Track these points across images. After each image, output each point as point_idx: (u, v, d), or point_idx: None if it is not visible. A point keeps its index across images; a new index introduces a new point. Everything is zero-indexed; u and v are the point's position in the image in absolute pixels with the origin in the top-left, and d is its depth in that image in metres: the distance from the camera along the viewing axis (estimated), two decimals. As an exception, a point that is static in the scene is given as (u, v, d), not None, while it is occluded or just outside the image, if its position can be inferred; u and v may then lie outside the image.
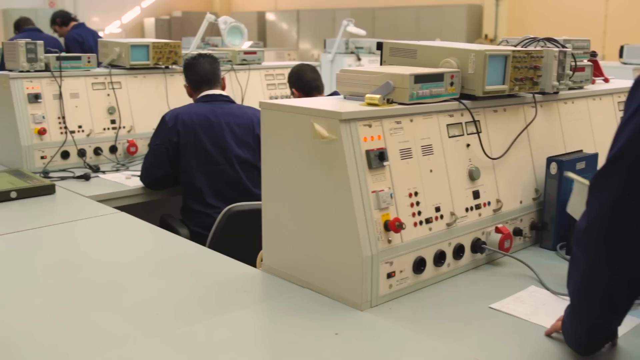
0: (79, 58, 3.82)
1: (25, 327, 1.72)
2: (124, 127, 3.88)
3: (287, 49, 12.37)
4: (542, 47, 2.36)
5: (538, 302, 1.83)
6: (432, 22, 12.29)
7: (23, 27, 7.07)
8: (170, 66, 4.13)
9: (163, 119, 3.28)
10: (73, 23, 7.05)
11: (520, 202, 2.26)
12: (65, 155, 3.64)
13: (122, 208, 2.91)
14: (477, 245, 2.07)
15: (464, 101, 2.06)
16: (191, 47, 4.97)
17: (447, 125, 2.04)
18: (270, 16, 15.45)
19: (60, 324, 1.74)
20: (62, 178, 3.40)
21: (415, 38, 11.06)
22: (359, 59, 8.02)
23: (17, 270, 2.16)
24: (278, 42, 14.79)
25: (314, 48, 14.09)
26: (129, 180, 3.40)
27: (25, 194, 2.96)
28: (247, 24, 5.34)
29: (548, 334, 1.62)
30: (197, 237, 2.99)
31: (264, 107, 1.99)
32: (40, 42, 3.68)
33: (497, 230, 2.11)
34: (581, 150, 2.43)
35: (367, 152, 1.78)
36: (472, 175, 2.08)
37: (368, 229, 1.76)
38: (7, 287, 2.01)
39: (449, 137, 2.04)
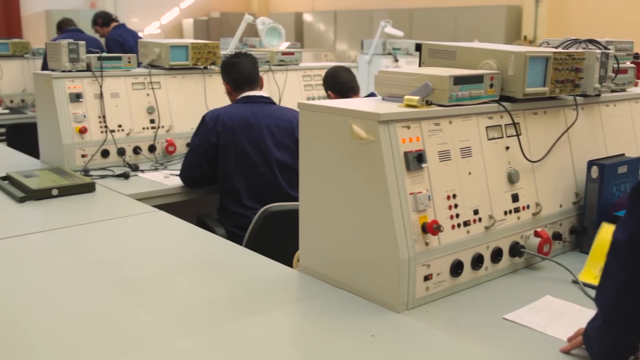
0: (119, 58, 3.87)
1: (65, 323, 1.75)
2: (162, 127, 3.93)
3: (324, 49, 12.37)
4: (583, 48, 2.33)
5: (554, 312, 1.79)
6: (470, 23, 12.18)
7: (65, 27, 7.19)
8: (208, 66, 4.17)
9: (203, 119, 3.30)
10: (114, 24, 7.14)
11: (560, 205, 2.23)
12: (105, 154, 3.69)
13: (160, 207, 2.94)
14: (516, 249, 2.04)
15: (503, 103, 2.04)
16: (229, 47, 5.00)
17: (487, 127, 2.02)
18: (307, 17, 15.48)
19: (99, 320, 1.77)
20: (102, 176, 3.45)
21: (453, 39, 10.97)
22: (396, 60, 7.99)
23: (57, 267, 2.20)
24: (315, 43, 14.80)
25: (350, 49, 14.07)
26: (167, 179, 3.43)
27: (66, 191, 3.01)
28: (285, 24, 5.36)
29: (566, 351, 1.57)
30: (234, 237, 3.01)
31: (302, 108, 2.00)
32: (82, 42, 3.74)
33: (536, 234, 2.08)
34: (623, 154, 2.39)
35: (406, 153, 1.78)
36: (511, 178, 2.06)
37: (405, 231, 1.75)
38: (48, 282, 2.05)
39: (488, 139, 2.02)
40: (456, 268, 1.88)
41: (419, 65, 2.31)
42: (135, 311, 1.83)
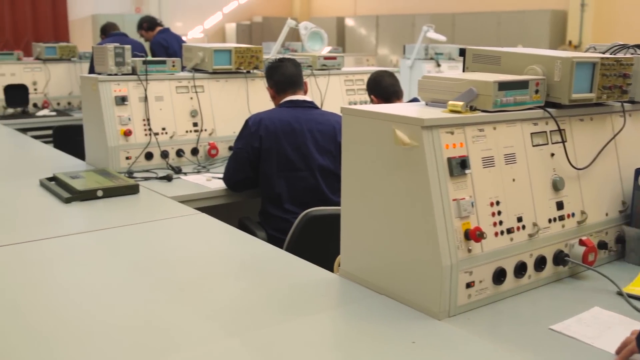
0: (164, 62, 3.92)
1: (108, 322, 1.77)
2: (205, 130, 3.97)
3: (365, 54, 12.36)
4: (632, 54, 2.28)
5: (603, 324, 1.76)
6: (513, 28, 12.05)
7: (109, 32, 7.31)
8: (251, 71, 4.20)
9: (246, 123, 3.33)
10: (159, 28, 7.24)
11: (606, 214, 2.19)
12: (148, 156, 3.74)
13: (202, 209, 2.97)
14: (560, 258, 2.01)
15: (549, 109, 2.02)
16: (272, 52, 5.03)
17: (531, 133, 2.00)
18: (349, 22, 15.49)
19: (141, 321, 1.79)
20: (146, 178, 3.50)
21: (496, 44, 10.87)
22: (439, 65, 7.95)
23: (101, 267, 2.23)
24: (357, 47, 14.80)
25: (392, 54, 14.04)
26: (210, 182, 3.47)
27: (110, 193, 3.06)
28: (327, 29, 5.37)
29: None
30: (274, 240, 3.02)
31: (345, 112, 2.00)
32: (128, 46, 3.80)
33: (581, 242, 2.04)
34: (672, 162, 2.34)
35: (449, 159, 1.77)
36: (556, 186, 2.03)
37: (448, 238, 1.74)
38: (92, 282, 2.08)
39: (533, 145, 2.00)
40: (499, 276, 1.86)
41: (463, 71, 2.29)
42: (177, 313, 1.85)
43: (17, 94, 6.31)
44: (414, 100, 3.88)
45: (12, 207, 3.00)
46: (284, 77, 3.47)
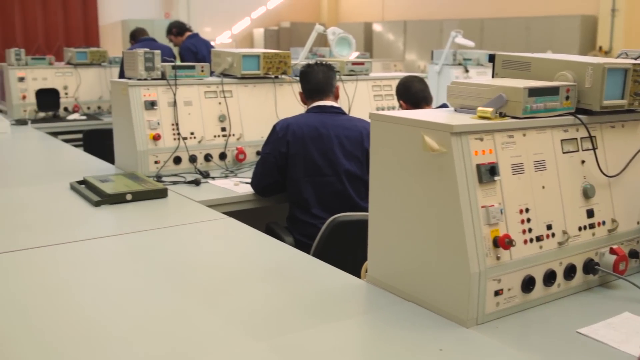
0: (193, 67, 3.95)
1: (135, 325, 1.79)
2: (233, 135, 3.99)
3: (393, 59, 12.35)
4: (665, 60, 2.25)
5: (632, 329, 1.73)
6: (542, 34, 11.95)
7: (139, 37, 7.39)
8: (279, 76, 4.21)
9: (274, 128, 3.35)
10: (188, 33, 7.30)
11: (638, 222, 2.16)
12: (177, 160, 3.77)
13: (229, 214, 2.98)
14: (590, 266, 1.99)
15: (579, 116, 2.00)
16: (300, 57, 5.04)
17: (562, 140, 1.98)
18: (377, 27, 15.48)
19: (168, 325, 1.80)
20: (174, 182, 3.52)
21: (525, 50, 10.78)
22: (467, 71, 7.91)
23: (130, 270, 2.25)
24: (384, 52, 14.79)
25: (420, 59, 14.01)
26: (237, 186, 3.48)
27: (139, 196, 3.09)
28: (354, 34, 5.37)
29: None
30: (302, 245, 3.02)
31: (373, 118, 1.99)
32: (158, 51, 3.84)
33: (612, 251, 2.02)
34: None
35: (478, 166, 1.76)
36: (587, 193, 2.01)
37: (477, 245, 1.73)
38: (120, 285, 2.10)
39: (563, 152, 1.98)
40: (528, 284, 1.84)
41: (492, 77, 2.28)
42: (204, 316, 1.86)
43: (49, 98, 6.40)
44: (443, 106, 3.86)
45: (43, 209, 3.04)
46: (312, 83, 3.49)
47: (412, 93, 3.87)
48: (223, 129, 3.97)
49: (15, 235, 2.60)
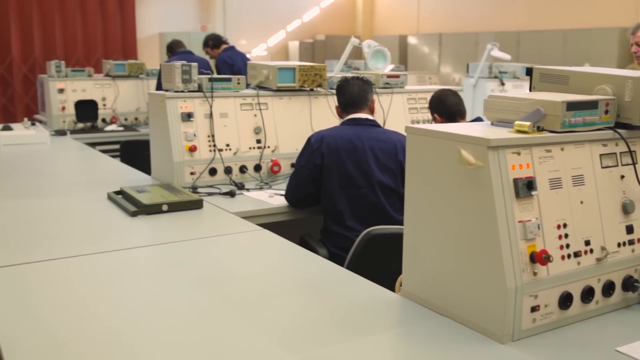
0: (229, 79, 3.99)
1: (169, 336, 1.80)
2: (268, 147, 4.01)
3: (428, 72, 12.30)
4: None
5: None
6: (580, 46, 11.80)
7: (176, 49, 7.48)
8: (315, 88, 4.23)
9: (309, 140, 3.36)
10: (224, 46, 7.37)
11: (679, 239, 2.12)
12: (212, 172, 3.80)
13: (264, 225, 2.99)
14: (629, 283, 1.95)
15: (619, 130, 1.97)
16: (335, 70, 5.05)
17: (600, 155, 1.95)
18: (412, 39, 15.46)
19: (201, 335, 1.81)
20: (209, 194, 3.55)
21: (561, 63, 10.67)
22: (503, 84, 7.84)
23: (164, 280, 2.27)
24: (419, 65, 14.75)
25: (455, 72, 13.94)
26: (272, 198, 3.50)
27: (175, 207, 3.12)
28: (389, 47, 5.37)
29: None
30: (336, 258, 3.02)
31: (409, 131, 1.99)
32: (195, 64, 3.88)
33: (652, 268, 1.98)
34: None
35: (515, 180, 1.74)
36: (626, 209, 1.97)
37: (513, 260, 1.71)
38: (154, 295, 2.12)
39: (602, 167, 1.95)
40: (565, 300, 1.81)
41: (530, 90, 2.26)
42: (238, 328, 1.86)
43: (87, 110, 6.51)
44: (478, 119, 3.84)
45: (81, 219, 3.08)
46: (347, 97, 3.51)
47: (447, 106, 3.85)
48: (258, 141, 3.99)
49: (53, 244, 2.64)
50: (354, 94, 3.48)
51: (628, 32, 4.86)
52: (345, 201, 3.23)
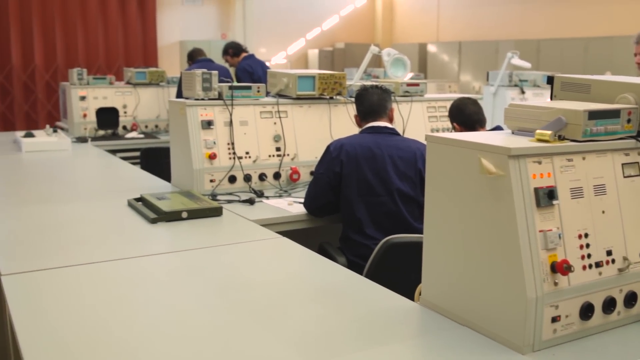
0: (249, 88, 4.00)
1: (186, 343, 1.81)
2: (288, 155, 4.02)
3: (447, 80, 12.27)
4: None
5: None
6: (601, 54, 11.72)
7: (196, 57, 7.53)
8: (334, 97, 4.23)
9: (328, 148, 3.37)
10: (244, 54, 7.40)
11: (703, 250, 2.09)
12: (232, 179, 3.82)
13: (283, 233, 3.00)
14: (652, 294, 1.93)
15: (642, 140, 1.95)
16: (354, 78, 5.06)
17: (623, 164, 1.93)
18: (431, 48, 15.44)
19: (219, 343, 1.82)
20: (229, 201, 3.56)
21: (582, 71, 10.59)
22: (523, 92, 7.80)
23: (185, 287, 2.28)
24: (439, 73, 14.72)
25: (475, 80, 13.90)
26: (291, 206, 3.50)
27: (195, 214, 3.13)
28: (408, 55, 5.37)
29: None
30: (355, 266, 3.01)
31: (429, 140, 1.99)
32: (215, 72, 3.90)
33: (675, 279, 1.96)
34: None
35: (536, 189, 1.73)
36: (649, 219, 1.95)
37: (534, 270, 1.70)
38: (174, 302, 2.13)
39: (624, 177, 1.93)
40: (586, 311, 1.80)
41: (551, 99, 2.25)
42: (256, 336, 1.86)
43: (108, 117, 6.56)
44: (497, 128, 3.82)
45: (101, 226, 3.11)
46: (366, 105, 3.52)
47: (466, 115, 3.83)
48: (278, 149, 4.00)
49: (74, 250, 2.67)
50: (373, 103, 3.48)
51: (631, 41, 4.64)
52: (364, 209, 3.23)
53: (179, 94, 5.68)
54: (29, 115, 11.60)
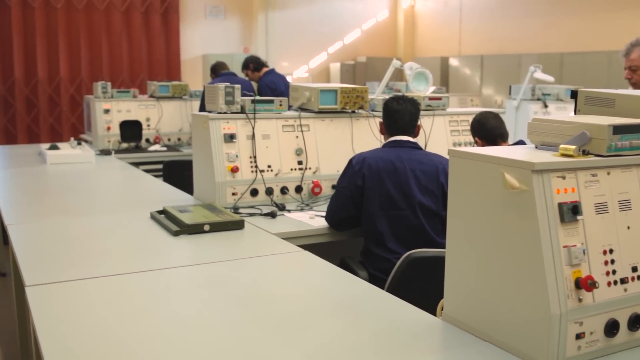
0: (271, 101, 4.02)
1: (208, 355, 1.81)
2: (309, 168, 4.02)
3: (469, 94, 12.24)
4: None
5: None
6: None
7: (219, 71, 7.57)
8: (356, 110, 4.24)
9: (350, 162, 3.37)
10: (265, 69, 7.42)
11: None
12: (254, 192, 3.83)
13: (305, 246, 3.00)
14: (678, 311, 1.90)
15: (667, 155, 1.93)
16: (376, 92, 5.06)
17: (648, 179, 1.92)
18: (453, 61, 15.42)
19: (240, 355, 1.82)
20: (251, 214, 3.57)
21: (606, 85, 10.51)
22: (546, 106, 7.76)
23: (206, 299, 2.28)
24: (461, 87, 14.69)
25: (497, 94, 13.84)
26: (313, 220, 3.50)
27: (217, 227, 3.14)
28: (430, 69, 5.36)
29: None
30: (376, 280, 3.01)
31: (452, 154, 1.98)
32: (238, 86, 3.92)
33: (702, 296, 1.93)
34: None
35: (560, 204, 1.72)
36: (675, 235, 1.93)
37: (558, 286, 1.68)
38: (196, 314, 2.14)
39: (650, 192, 1.91)
40: (611, 328, 1.77)
41: (575, 113, 2.24)
42: (277, 349, 1.86)
43: (132, 130, 6.63)
44: (520, 142, 3.80)
45: (124, 238, 3.13)
46: (398, 124, 3.47)
47: (488, 129, 3.81)
48: (300, 162, 4.01)
49: (97, 262, 2.69)
50: (405, 122, 3.46)
51: (620, 54, 4.19)
52: (386, 222, 3.22)
53: (202, 108, 5.71)
54: (54, 127, 11.74)
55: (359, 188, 3.28)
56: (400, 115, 3.47)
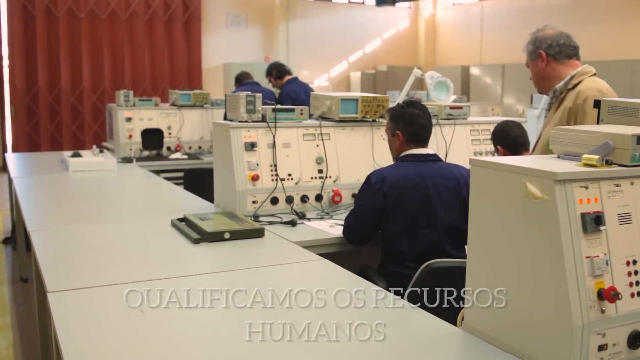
0: (292, 110, 4.03)
1: (234, 364, 1.82)
2: (330, 177, 4.02)
3: (490, 103, 12.18)
4: None
5: None
6: (649, 78, 11.53)
7: (243, 81, 7.62)
8: (377, 119, 4.23)
9: (369, 179, 3.28)
10: (288, 77, 7.42)
11: None
12: (274, 201, 3.83)
13: (324, 255, 2.99)
14: None
15: (692, 165, 1.90)
16: (397, 101, 5.05)
17: (672, 190, 1.89)
18: (474, 70, 15.37)
19: (265, 364, 1.82)
20: (271, 223, 3.57)
21: (629, 94, 10.40)
22: (568, 116, 7.70)
23: (226, 308, 2.28)
24: (482, 96, 14.63)
25: (518, 103, 13.78)
26: (332, 228, 3.49)
27: (237, 235, 3.15)
28: (451, 77, 5.35)
29: None
30: (395, 291, 2.98)
31: (474, 164, 1.97)
32: (259, 94, 3.94)
33: None
34: None
35: (583, 215, 1.70)
36: (700, 246, 1.90)
37: (580, 297, 1.66)
38: (216, 321, 2.14)
39: (674, 203, 1.89)
40: (634, 340, 1.75)
41: (597, 123, 2.22)
42: (297, 357, 1.86)
43: (153, 138, 6.68)
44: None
45: (144, 245, 3.14)
46: (417, 126, 3.34)
47: (511, 138, 3.80)
48: (320, 171, 4.01)
49: (118, 269, 2.70)
50: (425, 126, 3.35)
51: None
52: (407, 242, 3.15)
53: (225, 116, 5.75)
54: (76, 135, 11.87)
55: (379, 207, 3.19)
56: (421, 119, 3.35)
